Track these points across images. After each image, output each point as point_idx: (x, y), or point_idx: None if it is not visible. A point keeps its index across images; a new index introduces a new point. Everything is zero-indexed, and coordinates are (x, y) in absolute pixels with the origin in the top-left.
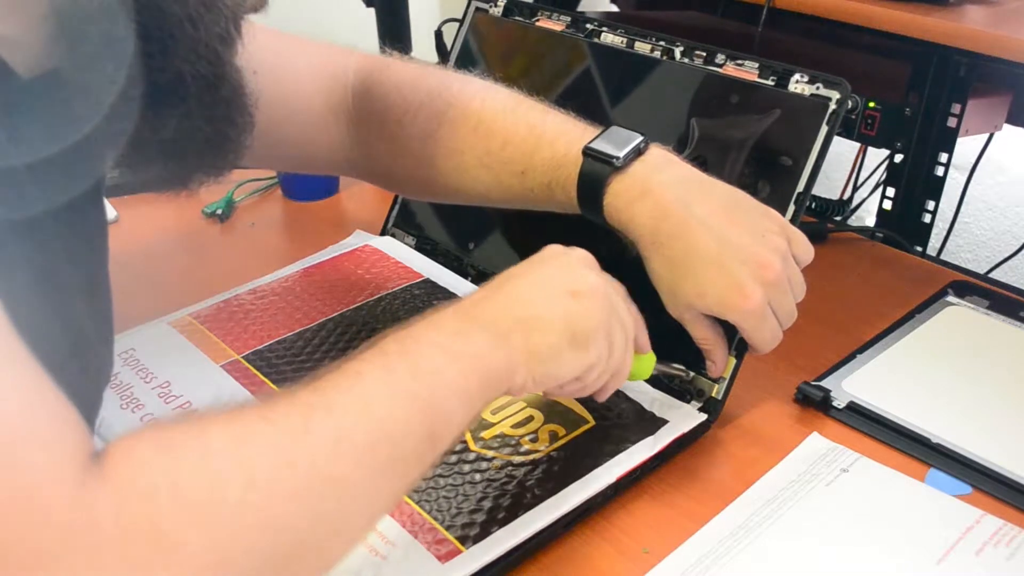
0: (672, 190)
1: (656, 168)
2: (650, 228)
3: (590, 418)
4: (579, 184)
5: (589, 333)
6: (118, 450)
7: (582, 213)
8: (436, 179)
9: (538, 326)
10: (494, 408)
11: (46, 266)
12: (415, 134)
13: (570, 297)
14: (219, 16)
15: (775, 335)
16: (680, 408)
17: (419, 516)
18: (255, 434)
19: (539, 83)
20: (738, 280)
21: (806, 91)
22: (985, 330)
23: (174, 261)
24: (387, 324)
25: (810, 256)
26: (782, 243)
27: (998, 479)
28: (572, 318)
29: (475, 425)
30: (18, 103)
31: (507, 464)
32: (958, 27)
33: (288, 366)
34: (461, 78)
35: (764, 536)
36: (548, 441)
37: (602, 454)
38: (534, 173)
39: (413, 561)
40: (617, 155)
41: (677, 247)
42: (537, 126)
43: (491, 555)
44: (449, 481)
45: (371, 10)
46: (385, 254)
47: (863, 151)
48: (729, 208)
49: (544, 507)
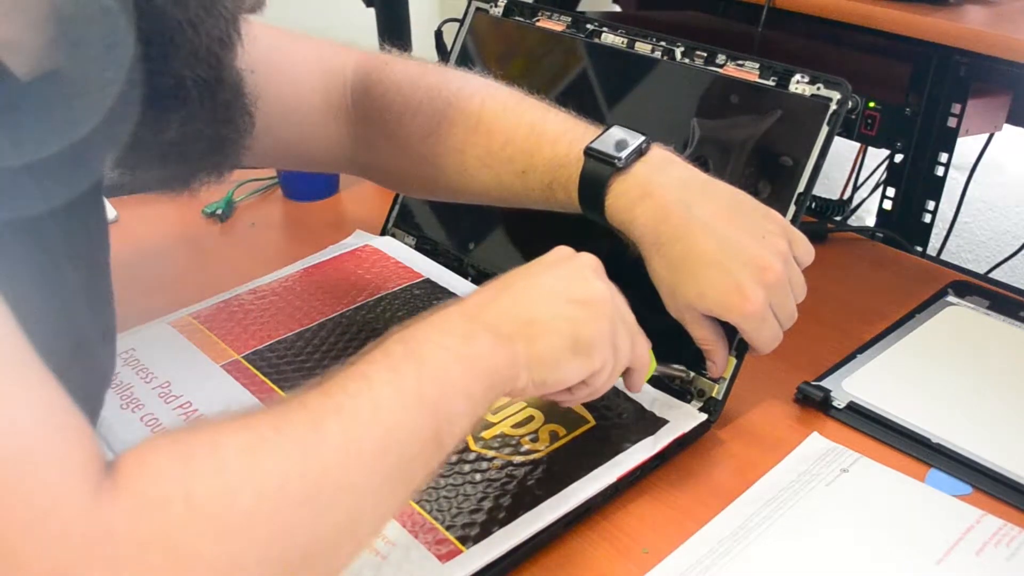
0: (673, 191)
1: (658, 169)
2: (651, 229)
3: (590, 418)
4: (580, 184)
5: (593, 340)
6: (131, 461)
7: (583, 213)
8: (436, 178)
9: (542, 332)
10: (495, 408)
11: (47, 266)
12: (415, 132)
13: (575, 304)
14: (219, 19)
15: (775, 336)
16: (680, 408)
17: (419, 516)
18: (266, 443)
19: (539, 84)
20: (739, 282)
21: (807, 91)
22: (985, 330)
23: (174, 261)
24: (387, 324)
25: (811, 257)
26: (783, 244)
27: (998, 479)
28: (576, 325)
29: (477, 431)
30: (17, 105)
31: (507, 464)
32: (958, 27)
33: (288, 366)
34: (461, 76)
35: (764, 536)
36: (548, 441)
37: (602, 454)
38: (535, 173)
39: (413, 561)
40: (619, 155)
41: (678, 248)
42: (538, 125)
43: (491, 555)
44: (450, 481)
45: (371, 10)
46: (385, 254)
47: (863, 151)
48: (730, 209)
49: (544, 507)
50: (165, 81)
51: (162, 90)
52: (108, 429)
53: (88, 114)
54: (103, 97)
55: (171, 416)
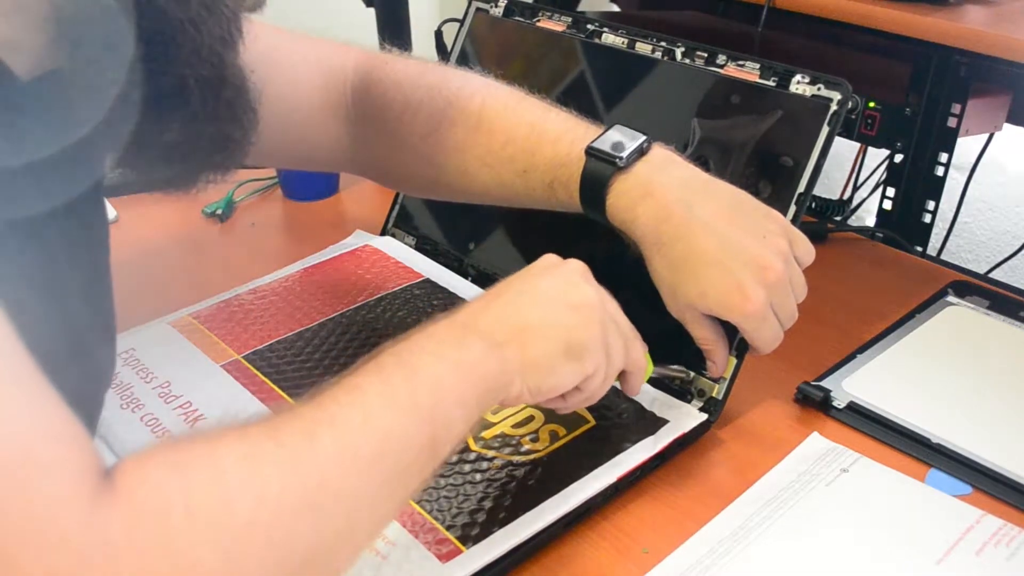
0: (674, 191)
1: (659, 168)
2: (652, 229)
3: (590, 418)
4: (582, 184)
5: (585, 345)
6: (129, 469)
7: (584, 212)
8: (436, 177)
9: (534, 338)
10: (495, 408)
11: (46, 267)
12: (415, 131)
13: (566, 309)
14: (220, 18)
15: (776, 336)
16: (680, 408)
17: (420, 516)
18: (264, 453)
19: (539, 84)
20: (740, 281)
21: (807, 92)
22: (985, 330)
23: (174, 261)
24: (387, 324)
25: (811, 257)
26: (784, 245)
27: (998, 479)
28: (568, 330)
29: (475, 432)
30: (18, 104)
31: (508, 464)
32: (958, 27)
33: (288, 366)
34: (462, 75)
35: (764, 536)
36: (548, 441)
37: (602, 454)
38: (536, 172)
39: (414, 561)
40: (620, 155)
41: (679, 248)
42: (538, 124)
43: (492, 555)
44: (450, 481)
45: (371, 10)
46: (385, 254)
47: (863, 151)
48: (731, 209)
49: (545, 507)
50: (167, 81)
51: (164, 90)
52: (108, 429)
53: (89, 114)
54: (104, 97)
55: (171, 416)
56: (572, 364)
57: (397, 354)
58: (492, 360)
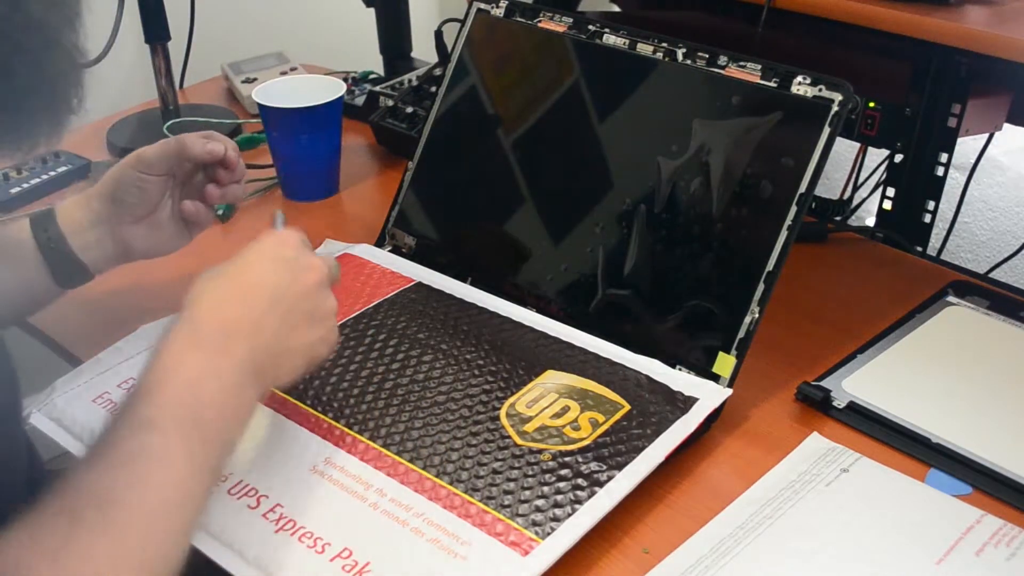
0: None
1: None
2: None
3: (624, 402)
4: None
5: (325, 353)
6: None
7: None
8: None
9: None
10: (528, 402)
11: None
12: None
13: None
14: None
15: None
16: (704, 385)
17: (488, 515)
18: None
19: (540, 85)
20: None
21: (808, 93)
22: (985, 330)
23: (174, 261)
24: (393, 330)
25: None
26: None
27: (998, 479)
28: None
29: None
30: None
31: (558, 454)
32: (958, 27)
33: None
34: None
35: (764, 536)
36: (590, 428)
37: (645, 435)
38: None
39: (494, 560)
40: None
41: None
42: None
43: (568, 541)
44: (506, 476)
45: (371, 10)
46: (367, 260)
47: (863, 151)
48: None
49: (607, 490)
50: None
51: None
52: None
53: None
54: None
55: None
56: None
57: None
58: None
